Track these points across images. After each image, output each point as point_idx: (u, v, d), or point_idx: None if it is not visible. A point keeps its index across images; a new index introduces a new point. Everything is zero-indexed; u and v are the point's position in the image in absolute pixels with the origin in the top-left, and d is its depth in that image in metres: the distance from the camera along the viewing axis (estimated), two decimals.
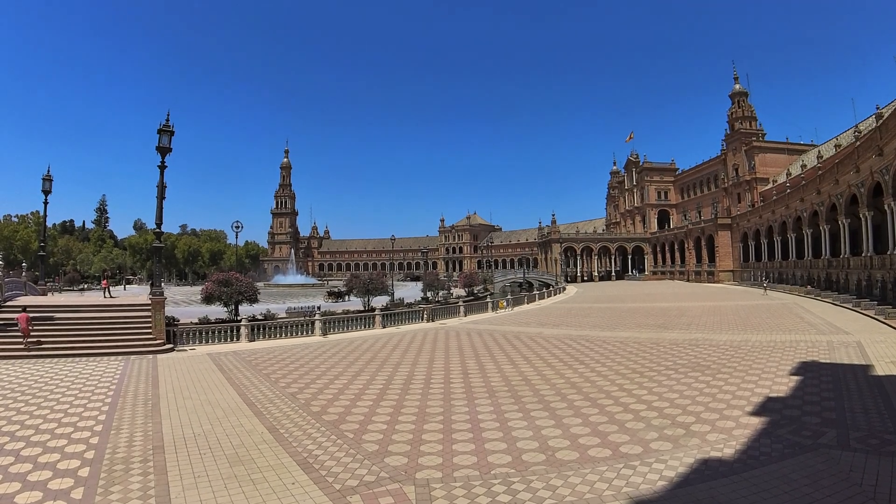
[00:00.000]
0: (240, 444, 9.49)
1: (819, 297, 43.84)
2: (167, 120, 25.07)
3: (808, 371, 15.32)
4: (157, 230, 26.51)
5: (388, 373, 16.30)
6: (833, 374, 14.85)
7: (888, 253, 36.11)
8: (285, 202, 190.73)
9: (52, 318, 23.56)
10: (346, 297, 42.58)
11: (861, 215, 41.48)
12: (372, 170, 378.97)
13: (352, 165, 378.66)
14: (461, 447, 9.04)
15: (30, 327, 20.97)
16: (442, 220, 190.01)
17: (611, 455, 8.58)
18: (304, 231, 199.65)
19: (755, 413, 10.95)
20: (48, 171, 36.28)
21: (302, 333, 26.34)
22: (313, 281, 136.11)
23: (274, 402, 12.71)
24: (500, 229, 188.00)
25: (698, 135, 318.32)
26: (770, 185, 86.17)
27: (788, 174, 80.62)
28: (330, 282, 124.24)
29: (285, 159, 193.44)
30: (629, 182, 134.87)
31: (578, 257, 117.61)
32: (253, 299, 34.01)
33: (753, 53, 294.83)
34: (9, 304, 25.75)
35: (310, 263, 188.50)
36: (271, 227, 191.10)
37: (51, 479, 7.97)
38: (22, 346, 20.63)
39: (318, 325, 26.55)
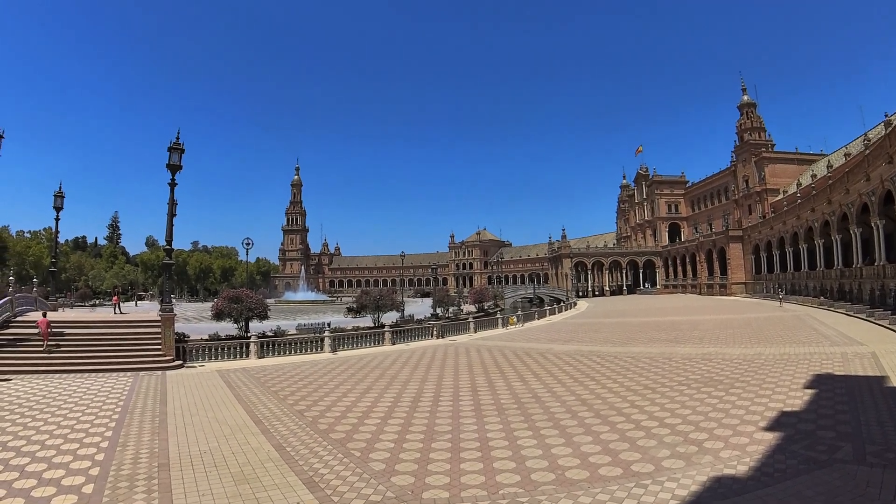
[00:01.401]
0: (245, 462, 9.40)
1: (832, 308, 43.38)
2: (177, 138, 25.29)
3: (822, 384, 15.10)
4: (168, 247, 26.67)
5: (397, 390, 16.19)
6: (847, 387, 14.64)
7: None
8: (296, 219, 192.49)
9: (61, 334, 23.65)
10: (363, 313, 42.73)
11: (872, 224, 41.13)
12: (382, 186, 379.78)
13: (362, 182, 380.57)
14: (469, 466, 8.89)
15: (49, 331, 21.64)
16: (452, 236, 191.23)
17: (622, 474, 8.40)
18: (315, 248, 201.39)
19: (769, 428, 10.75)
20: (60, 187, 36.35)
21: (311, 350, 26.28)
22: (324, 297, 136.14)
23: (281, 419, 12.62)
24: (510, 244, 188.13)
25: (707, 147, 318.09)
26: (780, 196, 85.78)
27: (799, 184, 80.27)
28: (342, 298, 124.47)
29: (296, 177, 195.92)
30: (639, 195, 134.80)
31: (589, 272, 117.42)
32: (263, 316, 34.13)
33: (760, 63, 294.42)
34: (19, 319, 25.92)
35: (320, 280, 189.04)
36: (282, 244, 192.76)
37: (54, 495, 7.91)
38: (35, 359, 21.02)
39: (327, 341, 26.49)
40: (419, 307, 65.50)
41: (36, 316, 24.58)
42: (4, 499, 7.75)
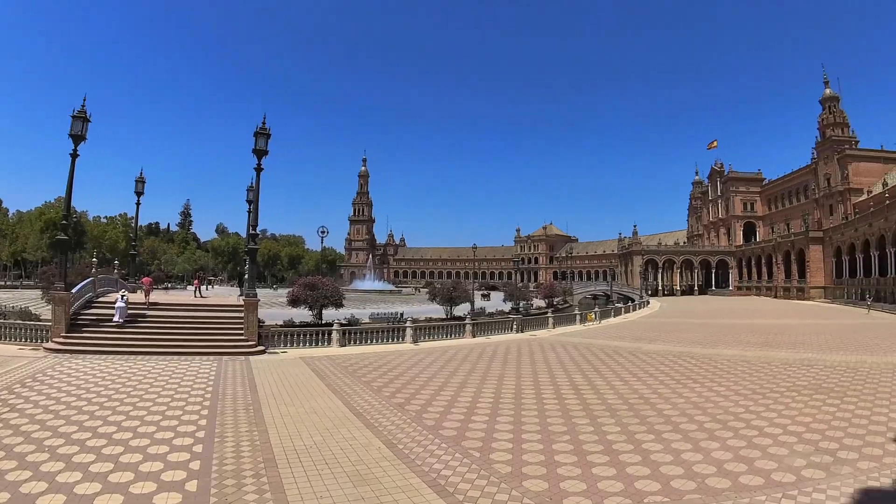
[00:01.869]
0: (358, 459, 8.98)
1: None
2: (263, 123, 25.37)
3: None
4: (253, 232, 27.08)
5: (494, 385, 15.77)
6: None
7: None
8: (362, 210, 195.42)
9: (143, 316, 24.28)
10: (436, 302, 42.70)
11: None
12: (447, 179, 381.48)
13: (430, 174, 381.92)
14: (601, 471, 8.43)
15: (151, 289, 23.27)
16: (518, 230, 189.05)
17: (764, 483, 7.87)
18: (381, 238, 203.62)
19: None
20: (141, 173, 37.29)
21: (393, 340, 26.21)
22: (390, 287, 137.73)
23: (383, 412, 12.34)
24: (577, 240, 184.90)
25: (786, 143, 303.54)
26: (865, 196, 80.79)
27: (885, 184, 75.59)
28: (403, 289, 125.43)
29: (363, 168, 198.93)
30: (713, 193, 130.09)
31: (660, 270, 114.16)
32: (338, 304, 34.58)
33: (845, 56, 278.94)
34: (101, 300, 26.79)
35: (385, 270, 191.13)
36: (349, 234, 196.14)
37: (156, 492, 7.43)
38: (117, 339, 21.67)
39: (409, 332, 26.41)
40: (487, 301, 65.19)
41: (116, 296, 25.30)
42: (101, 494, 7.29)
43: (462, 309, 43.47)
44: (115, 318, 22.80)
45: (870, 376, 17.15)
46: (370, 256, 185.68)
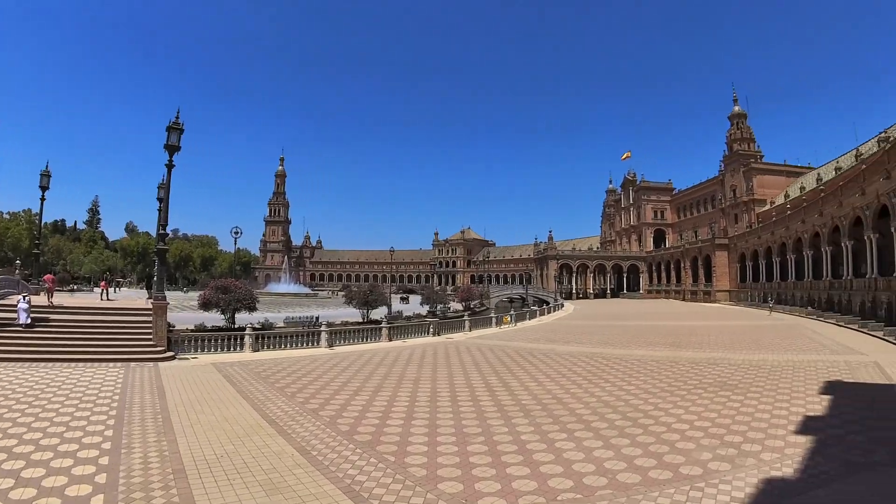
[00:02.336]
0: (271, 468, 8.71)
1: (822, 319, 44.01)
2: (177, 117, 24.14)
3: (836, 391, 15.38)
4: (163, 231, 25.76)
5: (410, 389, 15.72)
6: (863, 394, 15.17)
7: (894, 276, 36.53)
8: (279, 210, 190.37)
9: (47, 320, 22.74)
10: (353, 305, 42.09)
11: (866, 237, 41.64)
12: (366, 181, 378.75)
13: (346, 176, 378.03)
14: (515, 471, 8.52)
15: (54, 288, 21.60)
16: (436, 234, 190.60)
17: (673, 477, 8.25)
18: (297, 240, 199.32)
19: (800, 432, 10.83)
20: (47, 166, 35.12)
21: (307, 345, 25.59)
22: (306, 290, 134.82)
23: (296, 419, 12.02)
24: (494, 245, 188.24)
25: (697, 156, 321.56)
26: (768, 207, 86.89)
27: (787, 196, 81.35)
28: (319, 294, 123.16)
29: (280, 167, 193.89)
30: (626, 200, 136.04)
31: (574, 274, 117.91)
32: (251, 307, 33.54)
33: (754, 77, 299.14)
34: (1, 303, 24.99)
35: (301, 273, 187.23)
36: (264, 235, 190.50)
37: None
38: (19, 345, 20.25)
39: (324, 336, 25.88)
40: (405, 304, 65.08)
41: (17, 298, 23.64)
42: None
43: (379, 312, 43.12)
44: (21, 320, 21.28)
45: (772, 373, 18.44)
46: (286, 259, 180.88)
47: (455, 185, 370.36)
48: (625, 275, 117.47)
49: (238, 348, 23.79)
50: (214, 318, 33.25)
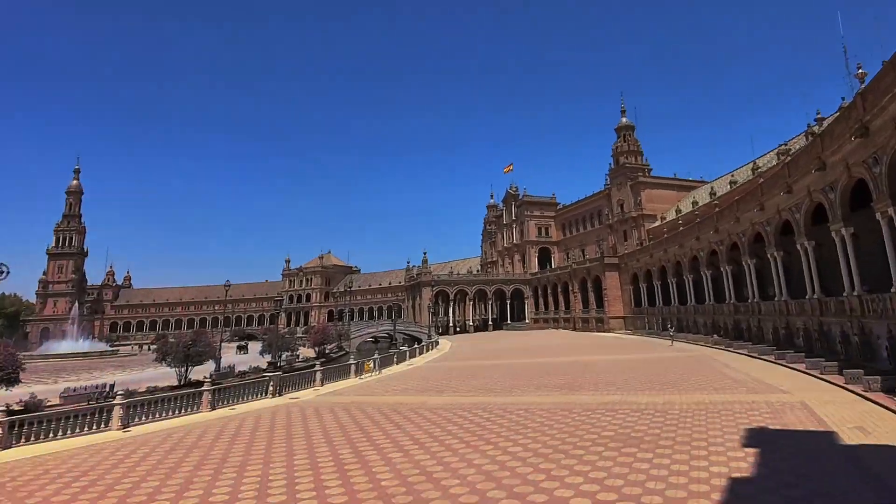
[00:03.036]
0: None
1: (732, 349, 46.07)
2: None
3: (762, 441, 15.40)
4: None
5: (230, 484, 13.55)
6: (795, 445, 15.04)
7: (807, 298, 38.59)
8: (70, 239, 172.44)
9: None
10: (166, 362, 38.80)
11: (769, 256, 44.49)
12: (192, 203, 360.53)
13: (167, 196, 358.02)
14: None
15: None
16: (287, 262, 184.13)
17: None
18: (96, 279, 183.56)
19: (728, 502, 10.50)
20: None
21: (89, 428, 21.79)
22: (103, 347, 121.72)
23: None
24: (359, 271, 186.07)
25: (584, 171, 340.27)
26: (659, 223, 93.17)
27: (678, 211, 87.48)
28: (121, 349, 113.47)
29: (75, 181, 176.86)
30: (508, 217, 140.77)
31: (452, 303, 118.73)
32: (12, 380, 29.62)
33: (645, 95, 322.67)
34: None
35: (99, 322, 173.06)
36: (45, 274, 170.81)
37: None
38: None
39: (116, 412, 22.51)
40: (243, 354, 61.76)
41: None
42: None
43: (205, 369, 40.26)
44: None
45: (682, 420, 18.59)
46: (75, 305, 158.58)
47: (312, 205, 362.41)
48: (508, 301, 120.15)
49: None
50: None
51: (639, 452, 14.28)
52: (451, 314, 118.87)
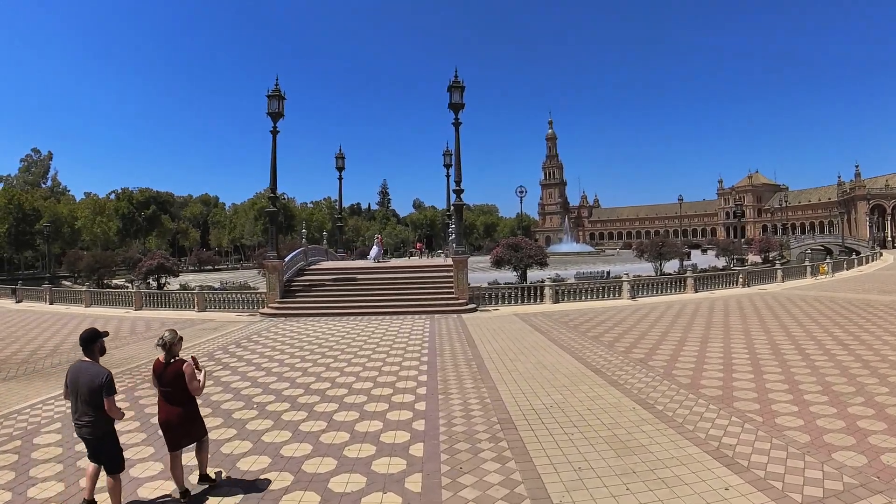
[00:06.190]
0: (613, 422, 7.25)
1: None
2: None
3: None
4: (458, 188, 24.15)
5: (742, 341, 12.97)
6: None
7: None
8: (553, 173, 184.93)
9: (354, 280, 24.49)
10: (644, 258, 39.27)
11: None
12: (636, 133, 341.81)
13: (615, 131, 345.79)
14: None
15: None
16: (720, 182, 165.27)
17: None
18: (574, 200, 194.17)
19: None
20: (340, 149, 39.72)
21: (608, 296, 24.07)
22: (588, 249, 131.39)
23: (623, 368, 10.54)
24: (787, 189, 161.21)
25: None
26: None
27: None
28: (606, 250, 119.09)
29: (550, 130, 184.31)
30: None
31: (890, 217, 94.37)
32: (543, 263, 32.62)
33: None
34: (313, 267, 27.67)
35: (580, 233, 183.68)
36: (541, 198, 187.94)
37: (373, 457, 6.24)
38: (329, 302, 22.09)
39: (626, 287, 23.97)
40: (701, 256, 58.84)
41: (327, 264, 25.96)
42: (311, 457, 6.31)
43: (671, 266, 39.24)
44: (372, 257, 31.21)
45: None
46: (564, 220, 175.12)
47: (740, 123, 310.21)
48: None
49: (538, 300, 23.23)
50: (506, 275, 33.31)
51: None
52: (889, 229, 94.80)
